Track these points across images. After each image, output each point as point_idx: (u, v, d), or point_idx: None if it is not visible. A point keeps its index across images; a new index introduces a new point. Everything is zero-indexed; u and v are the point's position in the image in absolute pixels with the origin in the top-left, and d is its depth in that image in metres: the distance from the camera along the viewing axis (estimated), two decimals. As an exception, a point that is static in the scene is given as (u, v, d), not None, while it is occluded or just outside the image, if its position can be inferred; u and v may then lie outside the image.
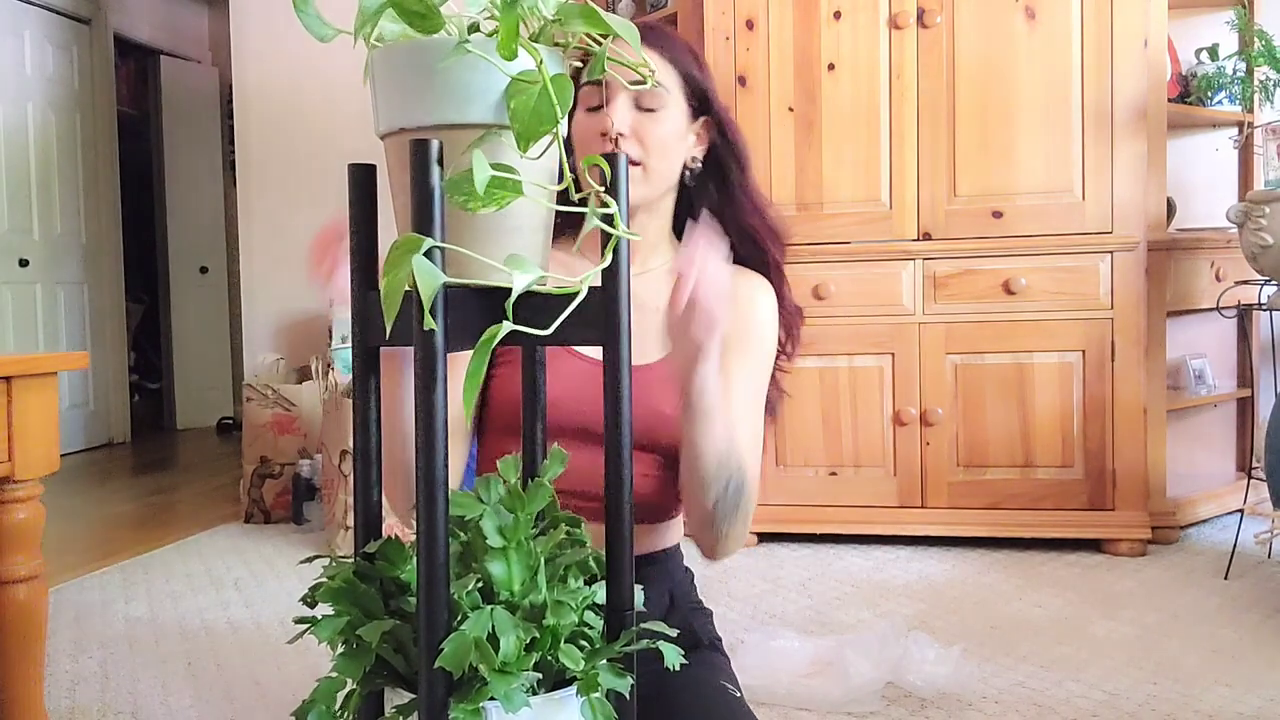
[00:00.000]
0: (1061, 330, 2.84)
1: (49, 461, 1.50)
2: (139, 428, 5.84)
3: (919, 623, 2.26)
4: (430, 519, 0.62)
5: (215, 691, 1.99)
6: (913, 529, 2.92)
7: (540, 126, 0.62)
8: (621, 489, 0.69)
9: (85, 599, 2.63)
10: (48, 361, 1.51)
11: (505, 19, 0.60)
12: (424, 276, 0.60)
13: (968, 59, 2.86)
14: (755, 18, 2.96)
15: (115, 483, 4.50)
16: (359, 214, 0.70)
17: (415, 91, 0.65)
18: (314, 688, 0.69)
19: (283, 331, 4.08)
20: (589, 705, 0.66)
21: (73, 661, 2.16)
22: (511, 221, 0.66)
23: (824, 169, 2.94)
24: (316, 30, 0.69)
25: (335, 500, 3.11)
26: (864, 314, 2.93)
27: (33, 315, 5.04)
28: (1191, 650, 2.08)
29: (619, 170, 0.68)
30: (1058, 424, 2.85)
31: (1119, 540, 2.80)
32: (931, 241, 2.89)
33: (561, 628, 0.66)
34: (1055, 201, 2.83)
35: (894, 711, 1.82)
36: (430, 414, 0.62)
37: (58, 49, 5.19)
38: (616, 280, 0.67)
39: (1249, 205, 2.53)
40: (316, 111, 3.96)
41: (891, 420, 2.93)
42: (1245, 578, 2.54)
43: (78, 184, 5.31)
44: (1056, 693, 1.88)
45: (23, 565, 1.48)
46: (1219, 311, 2.82)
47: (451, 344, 0.63)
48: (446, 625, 0.62)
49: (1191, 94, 3.19)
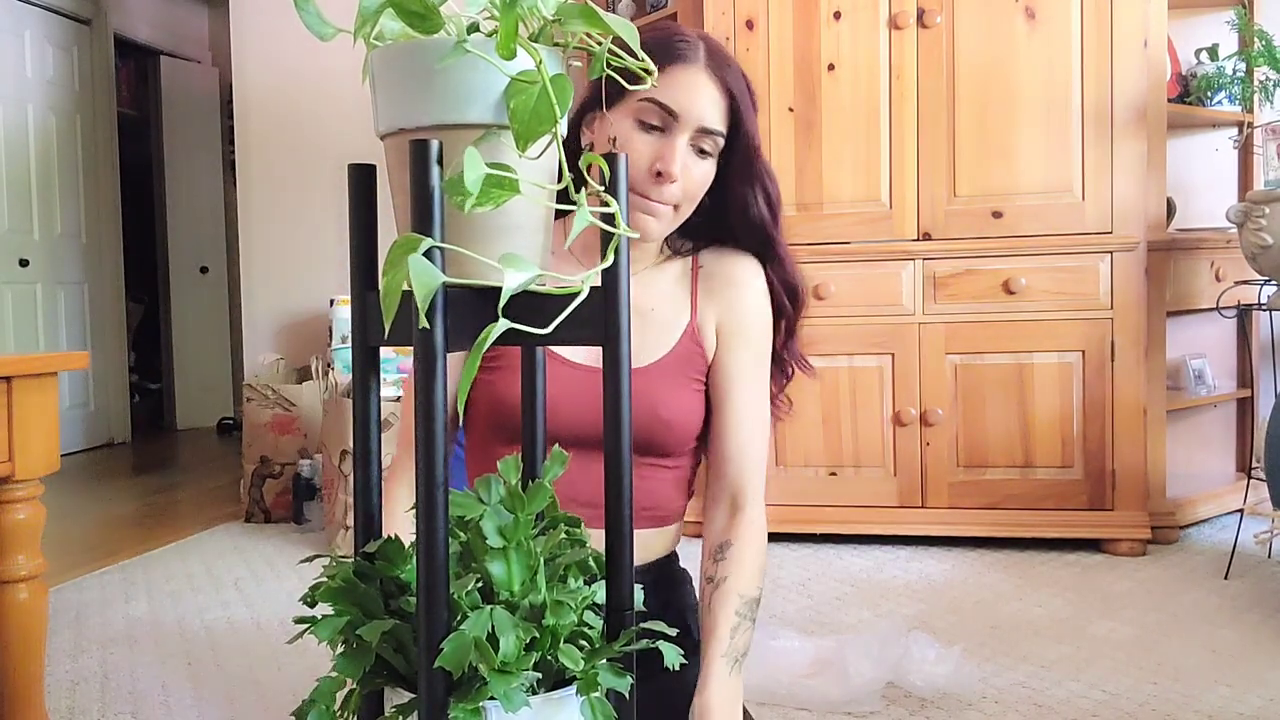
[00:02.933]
0: (1061, 330, 2.84)
1: (49, 461, 1.50)
2: (139, 428, 5.84)
3: (919, 623, 2.26)
4: (430, 519, 0.62)
5: (215, 691, 1.99)
6: (913, 529, 2.92)
7: (540, 126, 0.62)
8: (621, 488, 0.69)
9: (85, 599, 2.63)
10: (48, 361, 1.51)
11: (505, 19, 0.60)
12: (420, 276, 0.60)
13: (968, 59, 2.86)
14: (755, 18, 2.96)
15: (115, 483, 4.50)
16: (359, 214, 0.70)
17: (415, 92, 0.65)
18: (314, 687, 0.69)
19: (283, 331, 4.08)
20: (589, 705, 0.66)
21: (73, 661, 2.16)
22: (510, 221, 0.66)
23: (824, 169, 2.94)
24: (317, 29, 0.69)
25: (335, 500, 3.11)
26: (864, 314, 2.93)
27: (33, 315, 5.04)
28: (1191, 650, 2.07)
29: (619, 170, 0.68)
30: (1058, 424, 2.85)
31: (1119, 540, 2.80)
32: (931, 241, 2.89)
33: (561, 628, 0.66)
34: (1055, 201, 2.83)
35: (894, 711, 1.82)
36: (430, 414, 0.62)
37: (58, 49, 5.19)
38: (616, 280, 0.67)
39: (1249, 205, 2.53)
40: (316, 111, 3.96)
41: (891, 420, 2.93)
42: (1245, 578, 2.54)
43: (78, 184, 5.31)
44: (1056, 693, 1.88)
45: (23, 565, 1.48)
46: (1219, 311, 2.82)
47: (451, 344, 0.63)
48: (446, 625, 0.62)
49: (1191, 94, 3.19)
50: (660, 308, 1.22)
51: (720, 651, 1.09)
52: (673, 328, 1.21)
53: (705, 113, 1.12)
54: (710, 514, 1.22)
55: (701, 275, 1.24)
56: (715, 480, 1.22)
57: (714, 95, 1.13)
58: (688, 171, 1.13)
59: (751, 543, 1.17)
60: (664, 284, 1.24)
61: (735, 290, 1.23)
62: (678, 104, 1.11)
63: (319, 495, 3.33)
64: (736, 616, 1.12)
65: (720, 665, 1.08)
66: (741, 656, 1.11)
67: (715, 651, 1.09)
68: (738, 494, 1.20)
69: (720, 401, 1.22)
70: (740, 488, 1.20)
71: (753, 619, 1.14)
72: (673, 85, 1.11)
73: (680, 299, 1.23)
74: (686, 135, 1.12)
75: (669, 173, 1.11)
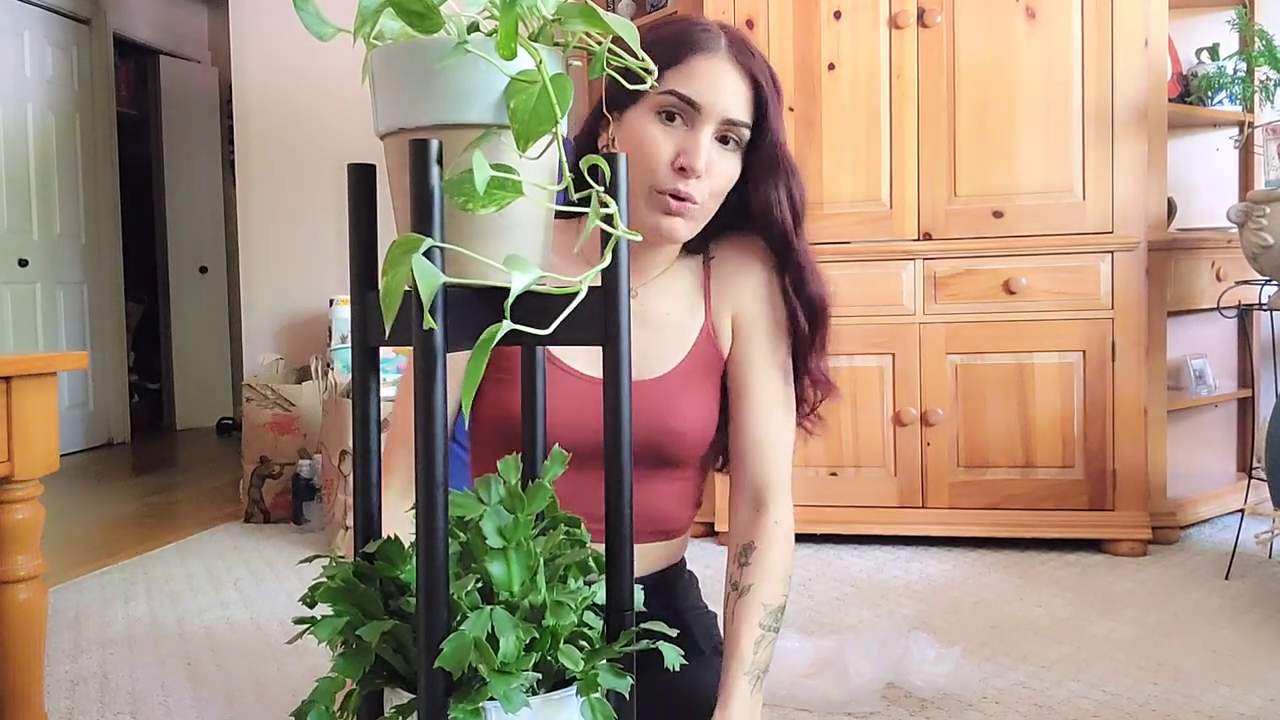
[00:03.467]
0: (1062, 330, 2.83)
1: (49, 461, 1.50)
2: (138, 428, 5.84)
3: (919, 623, 2.26)
4: (430, 519, 0.62)
5: (215, 692, 1.99)
6: (913, 529, 2.92)
7: (540, 126, 0.62)
8: (621, 489, 0.69)
9: (85, 599, 2.63)
10: (47, 361, 1.51)
11: (504, 18, 0.60)
12: (423, 276, 0.59)
13: (968, 59, 2.86)
14: (755, 17, 2.96)
15: (115, 483, 4.50)
16: (359, 214, 0.70)
17: (414, 91, 0.64)
18: (313, 688, 0.69)
19: (282, 331, 4.08)
20: (589, 706, 0.65)
21: (72, 662, 2.16)
22: (511, 221, 0.66)
23: (824, 169, 2.94)
24: (316, 29, 0.68)
25: (335, 500, 3.11)
26: (864, 314, 2.93)
27: (32, 315, 5.04)
28: (1192, 651, 2.07)
29: (619, 170, 0.68)
30: (1058, 424, 2.85)
31: (1119, 540, 2.80)
32: (932, 241, 2.89)
33: (561, 628, 0.65)
34: (1056, 201, 2.83)
35: (894, 712, 1.81)
36: (430, 415, 0.62)
37: (57, 49, 5.19)
38: (616, 280, 0.67)
39: (1249, 205, 2.52)
40: (316, 111, 3.95)
41: (892, 420, 2.93)
42: (1246, 578, 2.54)
43: (78, 184, 5.31)
44: (1057, 693, 1.88)
45: (23, 565, 1.48)
46: (1219, 311, 2.81)
47: (451, 344, 0.63)
48: (446, 625, 0.62)
49: (1192, 94, 3.19)
50: (675, 312, 1.18)
51: (743, 670, 1.06)
52: (688, 332, 1.18)
53: (729, 104, 1.07)
54: (734, 512, 1.18)
55: (714, 268, 1.20)
56: (736, 476, 1.18)
57: (738, 85, 1.08)
58: (713, 166, 1.07)
59: (776, 546, 1.14)
60: (680, 286, 1.20)
61: (746, 278, 1.19)
62: (700, 95, 1.06)
63: (318, 495, 3.33)
64: (760, 629, 1.09)
65: (743, 684, 1.06)
66: (763, 673, 1.08)
67: (737, 670, 1.06)
68: (760, 490, 1.16)
69: (738, 394, 1.18)
70: (762, 484, 1.16)
71: (776, 629, 1.11)
72: (694, 76, 1.06)
73: (695, 299, 1.20)
74: (710, 128, 1.07)
75: (693, 168, 1.05)
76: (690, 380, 1.17)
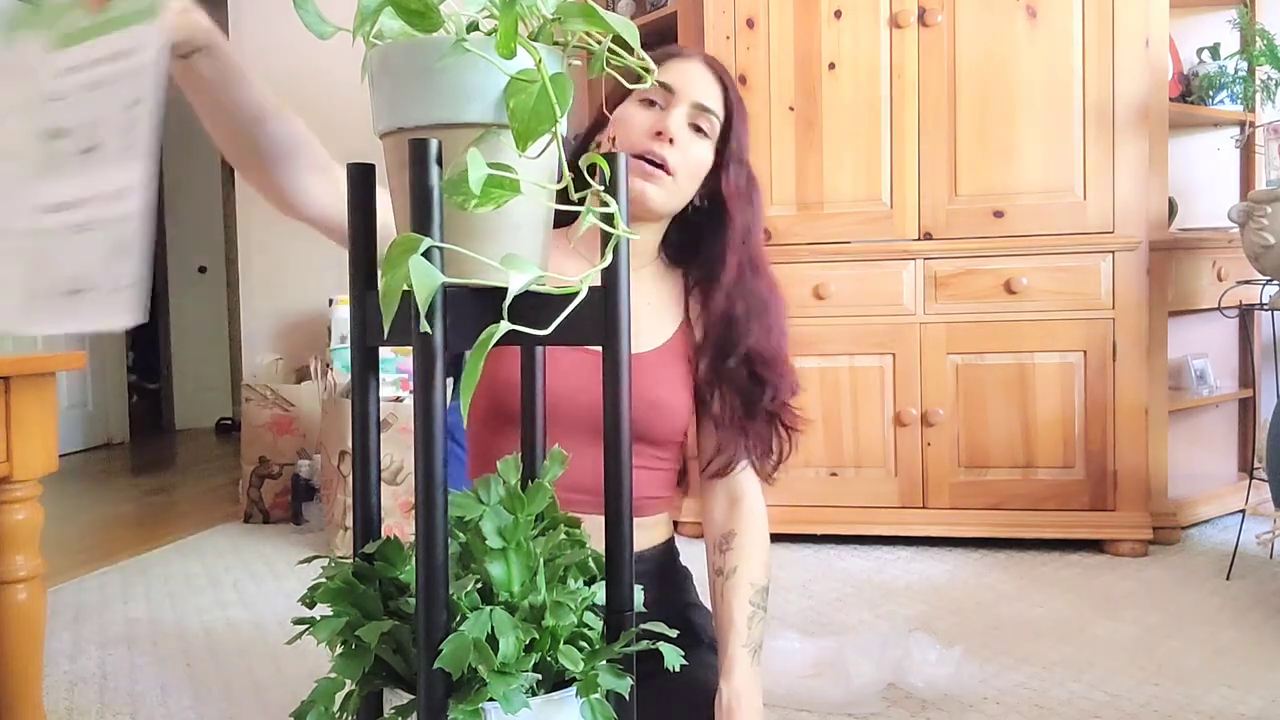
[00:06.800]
0: (1063, 330, 2.83)
1: (48, 462, 1.50)
2: (137, 428, 5.84)
3: (920, 624, 2.25)
4: (429, 519, 0.62)
5: (214, 692, 1.99)
6: (914, 529, 2.92)
7: (539, 126, 0.62)
8: (621, 489, 0.69)
9: (85, 599, 2.62)
10: (46, 362, 1.51)
11: (504, 18, 0.60)
12: (421, 277, 0.59)
13: (969, 58, 2.85)
14: (755, 16, 2.96)
15: (114, 483, 4.50)
16: (358, 214, 0.70)
17: (414, 90, 0.64)
18: (313, 688, 0.68)
19: (282, 331, 4.08)
20: (588, 706, 0.65)
21: (71, 662, 2.16)
22: (510, 220, 0.65)
23: (824, 168, 2.93)
24: (316, 28, 0.68)
25: (334, 500, 3.11)
26: (865, 314, 2.92)
27: (32, 315, 5.03)
28: (1193, 651, 2.07)
29: (619, 170, 0.67)
30: (1059, 424, 2.84)
31: (1120, 541, 2.80)
32: (932, 241, 2.88)
33: (561, 629, 0.65)
34: (1056, 201, 2.83)
35: (895, 713, 1.81)
36: (429, 415, 0.62)
37: (57, 49, 5.18)
38: (616, 279, 0.67)
39: (1251, 205, 2.52)
40: (316, 110, 3.92)
41: (892, 421, 2.93)
42: (1247, 578, 2.54)
43: (77, 184, 5.30)
44: (1058, 693, 1.87)
45: (22, 566, 1.48)
46: (1220, 311, 2.81)
47: (451, 344, 0.63)
48: (445, 626, 0.62)
49: (1193, 93, 3.19)
50: (655, 303, 1.24)
51: (741, 642, 1.12)
52: (666, 321, 1.24)
53: (701, 90, 1.18)
54: (708, 509, 1.23)
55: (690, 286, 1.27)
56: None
57: (709, 80, 1.19)
58: (686, 146, 1.16)
59: (755, 532, 1.21)
60: (662, 286, 1.26)
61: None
62: (674, 82, 1.17)
63: (318, 496, 3.33)
64: (751, 606, 1.15)
65: (743, 655, 1.11)
66: (759, 647, 1.14)
67: (736, 642, 1.12)
68: (733, 485, 1.22)
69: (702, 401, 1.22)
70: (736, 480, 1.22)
71: (765, 608, 1.17)
72: (670, 71, 1.18)
73: (675, 300, 1.26)
74: (684, 108, 1.16)
75: (666, 130, 1.14)
76: (668, 365, 1.21)
